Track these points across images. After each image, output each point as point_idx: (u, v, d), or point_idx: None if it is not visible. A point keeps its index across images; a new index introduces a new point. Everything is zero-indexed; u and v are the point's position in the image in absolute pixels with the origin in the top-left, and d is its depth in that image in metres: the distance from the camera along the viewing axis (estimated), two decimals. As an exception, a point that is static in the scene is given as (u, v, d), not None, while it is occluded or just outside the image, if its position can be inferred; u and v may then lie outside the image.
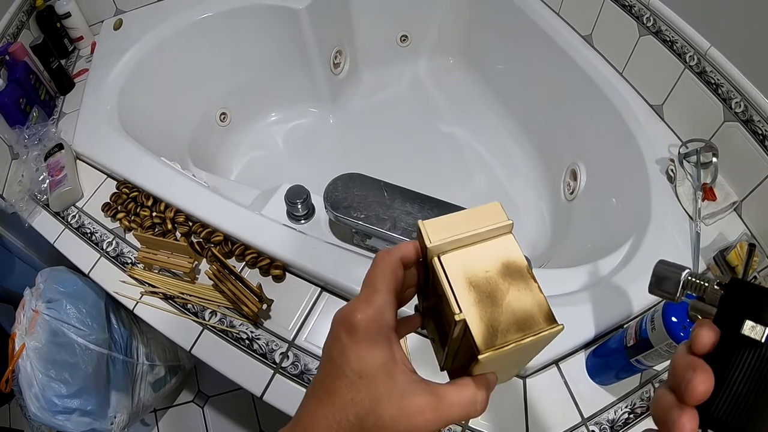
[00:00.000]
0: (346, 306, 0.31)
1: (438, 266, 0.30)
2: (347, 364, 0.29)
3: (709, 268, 0.86)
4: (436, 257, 0.30)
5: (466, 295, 0.29)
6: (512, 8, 1.37)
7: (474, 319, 0.28)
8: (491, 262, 0.30)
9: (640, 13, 1.05)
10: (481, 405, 0.30)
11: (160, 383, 1.30)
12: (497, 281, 0.29)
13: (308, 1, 1.36)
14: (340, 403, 0.28)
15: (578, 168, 1.22)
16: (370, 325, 0.29)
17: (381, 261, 0.32)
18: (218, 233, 0.92)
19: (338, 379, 0.29)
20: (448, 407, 0.29)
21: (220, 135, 1.53)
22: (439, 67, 1.73)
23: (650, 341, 0.62)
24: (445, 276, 0.29)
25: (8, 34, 1.18)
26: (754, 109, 0.86)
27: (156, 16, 1.36)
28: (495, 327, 0.28)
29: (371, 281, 0.31)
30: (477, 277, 0.29)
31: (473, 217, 0.31)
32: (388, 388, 0.28)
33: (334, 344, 0.30)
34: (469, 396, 0.30)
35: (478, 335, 0.27)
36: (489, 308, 0.28)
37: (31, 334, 0.97)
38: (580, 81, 1.16)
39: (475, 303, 0.28)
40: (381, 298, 0.30)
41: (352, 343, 0.29)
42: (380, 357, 0.29)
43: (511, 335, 0.28)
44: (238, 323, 0.84)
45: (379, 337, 0.29)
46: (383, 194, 0.87)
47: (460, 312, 0.28)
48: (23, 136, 1.08)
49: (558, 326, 0.28)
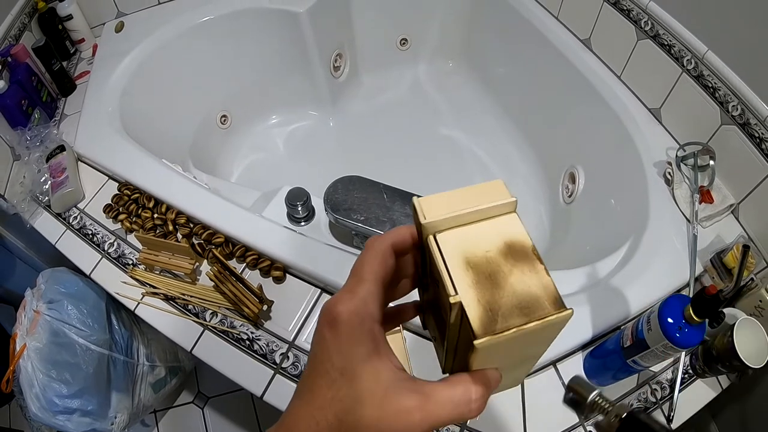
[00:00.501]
0: (330, 298, 0.28)
1: (433, 245, 0.27)
2: (328, 360, 0.27)
3: (706, 270, 0.87)
4: (432, 236, 0.27)
5: (462, 276, 0.25)
6: (511, 12, 1.38)
7: (471, 301, 0.25)
8: (492, 242, 0.27)
9: (638, 17, 1.06)
10: (476, 404, 0.27)
11: (161, 384, 1.31)
12: (499, 262, 0.26)
13: (309, 4, 1.37)
14: (320, 402, 0.26)
15: (577, 171, 1.23)
16: (353, 317, 0.27)
17: (370, 248, 0.29)
18: (219, 235, 0.92)
19: (319, 376, 0.27)
20: (437, 406, 0.26)
21: (221, 137, 1.54)
22: (439, 71, 1.74)
23: (646, 342, 0.63)
24: (441, 255, 0.26)
25: (10, 36, 1.19)
26: (750, 112, 0.87)
27: (157, 18, 1.37)
28: (495, 311, 0.24)
29: (357, 270, 0.29)
30: (476, 257, 0.26)
31: (474, 194, 0.28)
32: (370, 386, 0.26)
33: (317, 339, 0.28)
34: (461, 394, 0.26)
35: (475, 319, 0.24)
36: (489, 290, 0.25)
37: (32, 334, 0.98)
38: (579, 84, 1.17)
39: (473, 284, 0.25)
40: (365, 288, 0.28)
41: (333, 337, 0.27)
42: (362, 352, 0.26)
43: (514, 320, 0.24)
44: (239, 324, 0.84)
45: (362, 330, 0.27)
46: (383, 196, 0.87)
47: (455, 294, 0.25)
48: (25, 137, 1.08)
49: (567, 311, 0.25)
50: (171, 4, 1.43)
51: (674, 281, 0.84)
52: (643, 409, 0.27)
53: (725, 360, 0.72)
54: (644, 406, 0.75)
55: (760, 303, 0.79)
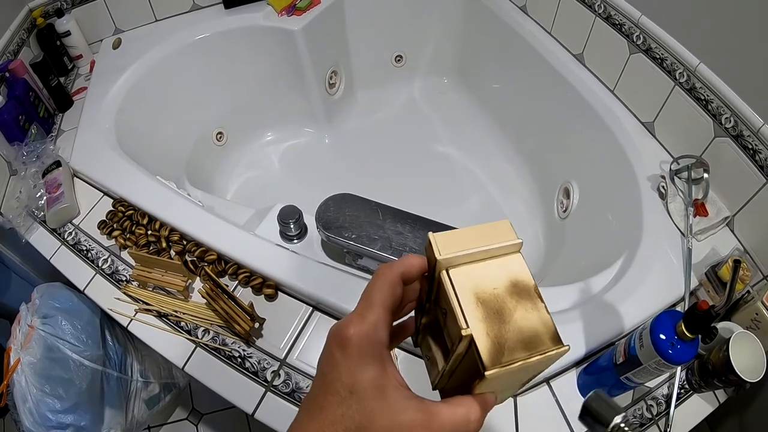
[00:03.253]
0: (340, 321, 0.30)
1: (446, 280, 0.29)
2: (338, 380, 0.28)
3: (701, 284, 0.86)
4: (445, 270, 0.29)
5: (473, 311, 0.28)
6: (505, 28, 1.39)
7: (480, 334, 0.27)
8: (499, 280, 0.29)
9: (630, 32, 1.07)
10: (474, 425, 0.29)
11: (155, 400, 1.30)
12: (505, 299, 0.29)
13: (304, 23, 1.38)
14: (330, 418, 0.28)
15: (571, 186, 1.23)
16: (363, 340, 0.29)
17: (381, 275, 0.31)
18: (212, 252, 0.92)
19: (329, 394, 0.28)
20: (440, 425, 0.28)
21: (216, 154, 1.54)
22: (434, 88, 1.75)
23: (639, 359, 0.63)
24: (453, 290, 0.29)
25: (8, 52, 1.20)
26: (743, 124, 0.87)
27: (154, 35, 1.38)
28: (502, 344, 0.27)
29: (368, 295, 0.31)
30: (485, 294, 0.29)
31: (483, 233, 0.30)
32: (380, 404, 0.28)
33: (326, 359, 0.30)
34: (462, 415, 0.29)
35: (485, 351, 0.27)
36: (496, 325, 0.28)
37: (27, 349, 0.97)
38: (573, 99, 1.18)
39: (483, 319, 0.28)
40: (375, 315, 0.30)
41: (344, 358, 0.29)
42: (371, 373, 0.29)
43: (518, 353, 0.27)
44: (231, 341, 0.84)
45: (372, 352, 0.29)
46: (375, 214, 0.87)
47: (467, 327, 0.27)
48: (22, 152, 1.09)
49: (564, 347, 0.28)
50: (168, 21, 1.44)
51: (669, 295, 0.84)
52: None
53: (721, 374, 0.72)
54: (639, 422, 0.74)
55: (756, 316, 0.78)
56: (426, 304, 0.34)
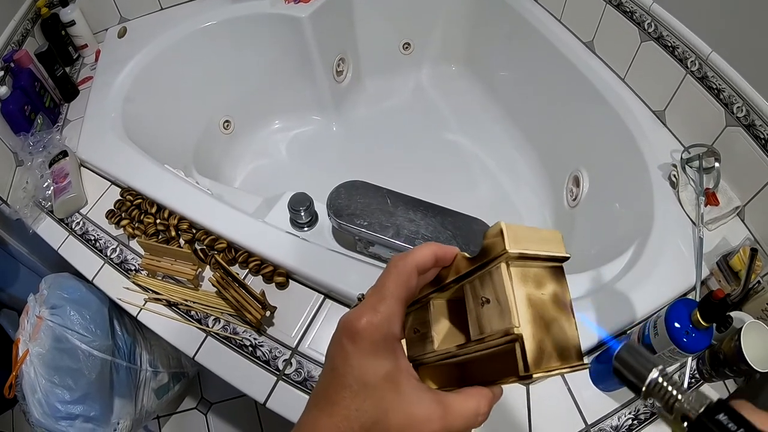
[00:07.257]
0: (351, 312, 0.30)
1: (505, 272, 0.29)
2: (350, 373, 0.28)
3: (712, 273, 0.86)
4: (504, 263, 0.29)
5: (525, 311, 0.28)
6: (514, 15, 1.38)
7: (528, 336, 0.27)
8: (546, 287, 0.30)
9: (641, 19, 1.06)
10: (483, 417, 0.30)
11: (164, 390, 1.30)
12: (549, 307, 0.29)
13: (311, 9, 1.37)
14: (345, 413, 0.27)
15: (581, 174, 1.22)
16: (375, 333, 0.28)
17: (394, 267, 0.31)
18: (222, 240, 0.92)
19: (342, 388, 0.28)
20: (454, 417, 0.28)
21: (223, 143, 1.54)
22: (443, 75, 1.74)
23: (653, 347, 0.62)
24: (512, 285, 0.29)
25: (13, 42, 1.19)
26: (755, 113, 0.86)
27: (160, 24, 1.37)
28: (542, 350, 0.28)
29: (381, 287, 0.30)
30: (535, 297, 0.29)
31: (542, 237, 0.30)
32: (394, 397, 0.28)
33: (336, 351, 0.29)
34: (474, 407, 0.29)
35: (531, 353, 0.27)
36: (540, 330, 0.28)
37: (35, 340, 0.97)
38: (582, 87, 1.17)
39: (531, 321, 0.28)
40: (388, 307, 0.29)
41: (356, 351, 0.28)
42: (384, 366, 0.28)
43: (553, 362, 0.28)
44: (242, 330, 0.84)
45: (384, 345, 0.29)
46: (386, 202, 0.87)
47: (519, 326, 0.27)
48: (28, 143, 1.08)
49: (585, 365, 0.29)
50: (173, 9, 1.44)
51: (680, 285, 0.84)
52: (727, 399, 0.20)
53: (732, 364, 0.71)
54: (651, 411, 0.74)
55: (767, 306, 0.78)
56: (451, 284, 0.33)
